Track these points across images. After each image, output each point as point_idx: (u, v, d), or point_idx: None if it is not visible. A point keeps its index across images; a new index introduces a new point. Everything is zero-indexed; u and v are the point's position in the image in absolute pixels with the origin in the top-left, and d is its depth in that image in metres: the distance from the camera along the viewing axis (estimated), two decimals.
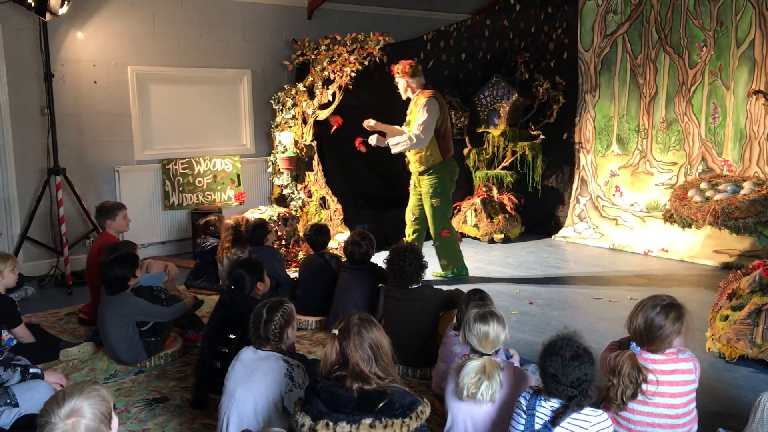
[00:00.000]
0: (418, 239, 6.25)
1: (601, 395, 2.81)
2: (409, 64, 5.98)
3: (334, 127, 6.89)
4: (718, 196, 5.49)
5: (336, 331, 2.39)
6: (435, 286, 4.27)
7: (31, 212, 6.26)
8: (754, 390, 3.79)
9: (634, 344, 2.75)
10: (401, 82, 6.01)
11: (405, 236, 6.32)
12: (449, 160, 6.05)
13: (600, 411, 2.44)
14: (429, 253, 5.36)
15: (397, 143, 5.90)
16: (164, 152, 7.29)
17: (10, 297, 4.32)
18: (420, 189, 6.14)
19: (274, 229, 6.46)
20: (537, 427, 2.41)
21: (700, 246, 6.80)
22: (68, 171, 6.31)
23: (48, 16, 5.81)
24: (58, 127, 6.21)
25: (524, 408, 2.46)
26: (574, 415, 2.37)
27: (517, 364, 3.57)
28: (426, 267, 4.23)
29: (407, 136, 5.84)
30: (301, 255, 6.67)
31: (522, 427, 2.44)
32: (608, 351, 2.93)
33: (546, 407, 2.42)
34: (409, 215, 6.30)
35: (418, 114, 5.83)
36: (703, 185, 5.87)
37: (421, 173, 6.05)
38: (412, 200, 6.28)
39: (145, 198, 7.14)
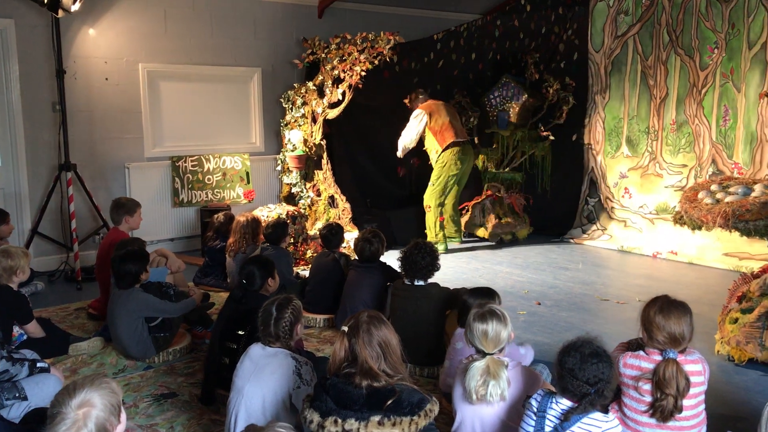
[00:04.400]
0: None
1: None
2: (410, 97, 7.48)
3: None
4: (728, 199, 5.47)
5: (345, 329, 2.40)
6: (441, 285, 4.27)
7: (42, 208, 6.31)
8: (763, 393, 3.78)
9: (671, 350, 2.69)
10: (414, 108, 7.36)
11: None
12: (451, 146, 7.08)
13: (611, 416, 2.42)
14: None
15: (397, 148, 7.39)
16: (174, 149, 7.32)
17: (23, 294, 4.33)
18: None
19: None
20: (547, 429, 2.40)
21: (709, 249, 6.78)
22: (79, 167, 6.35)
23: (60, 13, 5.84)
24: (69, 123, 6.26)
25: (535, 410, 2.45)
26: (585, 419, 2.35)
27: (530, 356, 3.58)
28: (438, 269, 4.24)
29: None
30: (309, 253, 6.68)
31: (532, 429, 2.43)
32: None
33: (557, 409, 2.41)
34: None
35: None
36: (713, 187, 5.85)
37: (435, 162, 7.29)
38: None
39: (155, 195, 7.16)
